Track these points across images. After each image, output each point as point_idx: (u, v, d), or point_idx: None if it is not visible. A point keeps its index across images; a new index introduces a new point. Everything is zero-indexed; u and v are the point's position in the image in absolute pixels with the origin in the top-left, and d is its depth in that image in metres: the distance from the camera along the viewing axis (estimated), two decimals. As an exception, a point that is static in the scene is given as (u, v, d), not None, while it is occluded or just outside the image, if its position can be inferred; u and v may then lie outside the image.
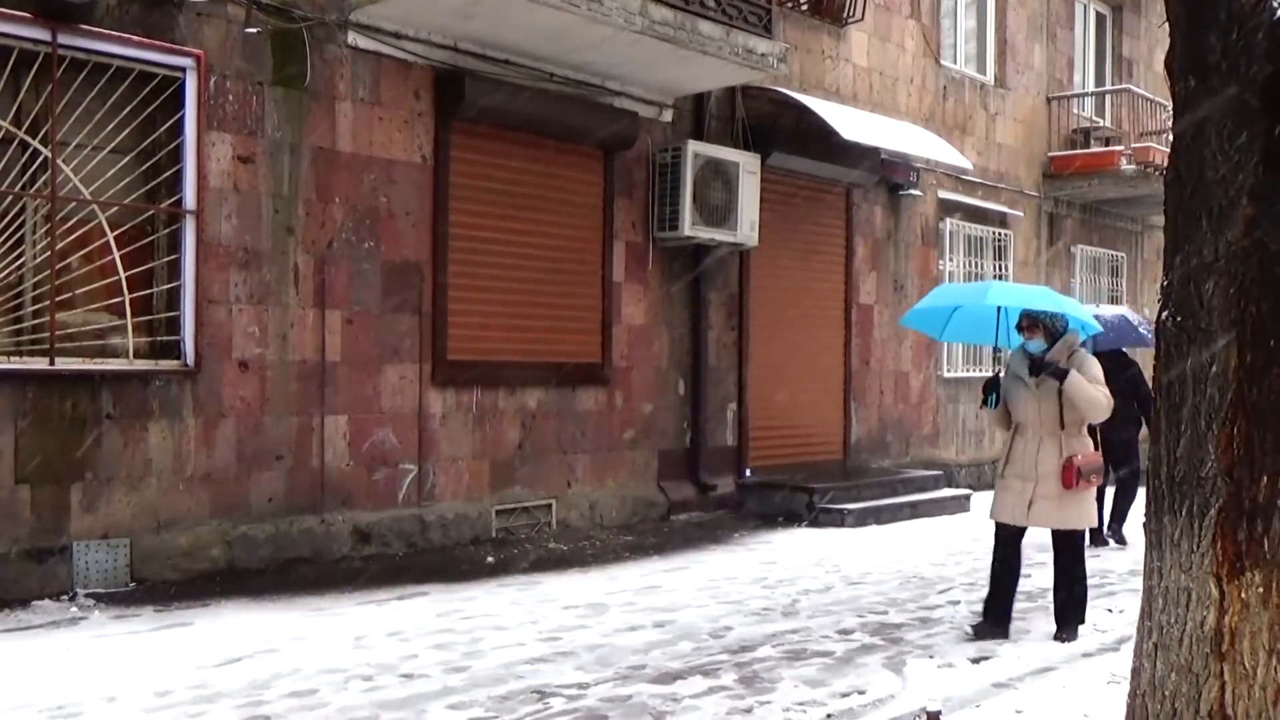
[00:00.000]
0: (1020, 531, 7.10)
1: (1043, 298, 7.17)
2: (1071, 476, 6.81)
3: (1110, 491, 10.68)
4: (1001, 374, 7.17)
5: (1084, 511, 7.01)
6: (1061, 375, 6.77)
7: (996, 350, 7.92)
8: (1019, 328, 7.11)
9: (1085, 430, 7.08)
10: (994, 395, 7.07)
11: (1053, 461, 6.86)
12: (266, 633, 6.76)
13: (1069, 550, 7.09)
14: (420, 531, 9.39)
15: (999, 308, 7.38)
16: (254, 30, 8.28)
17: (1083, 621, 7.22)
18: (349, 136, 8.97)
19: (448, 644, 6.66)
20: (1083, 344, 7.29)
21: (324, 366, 8.81)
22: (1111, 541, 10.82)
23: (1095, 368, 6.91)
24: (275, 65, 8.53)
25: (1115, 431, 9.59)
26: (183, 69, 8.00)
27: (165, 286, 8.08)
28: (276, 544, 8.52)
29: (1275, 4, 3.59)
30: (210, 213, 8.17)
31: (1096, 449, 7.43)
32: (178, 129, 8.02)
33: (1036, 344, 6.97)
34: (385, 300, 9.20)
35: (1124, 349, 10.73)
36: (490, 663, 6.30)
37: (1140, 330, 10.78)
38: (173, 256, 8.08)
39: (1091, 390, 6.75)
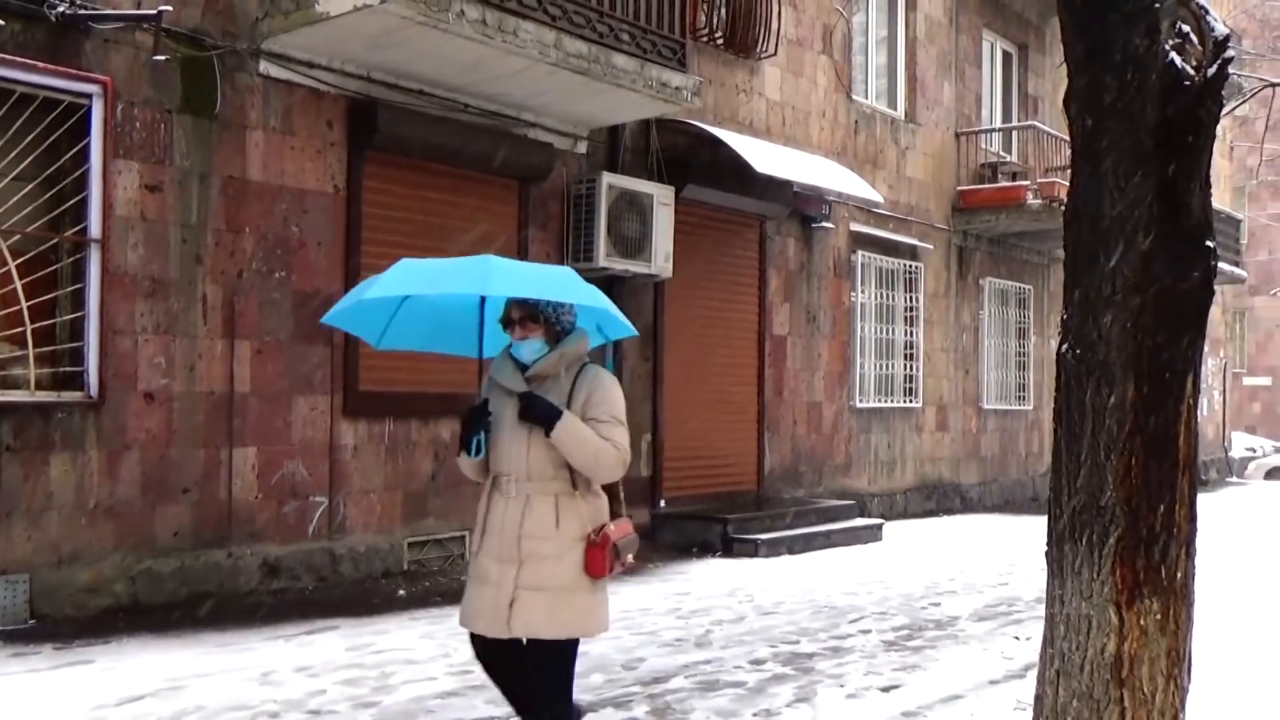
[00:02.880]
0: (509, 643, 4.49)
1: (552, 280, 4.66)
2: (602, 559, 4.43)
3: None
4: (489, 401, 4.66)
5: (594, 610, 4.51)
6: (548, 419, 4.38)
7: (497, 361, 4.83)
8: (506, 321, 4.61)
9: (599, 486, 4.62)
10: (479, 438, 4.57)
11: (549, 532, 4.42)
12: (170, 669, 6.62)
13: (557, 668, 4.55)
14: (331, 565, 9.27)
15: (484, 298, 4.78)
16: (162, 58, 8.17)
17: None
18: (260, 166, 8.88)
19: (357, 679, 6.57)
20: (601, 348, 5.01)
21: (233, 398, 8.68)
22: None
23: (611, 394, 4.55)
24: (184, 93, 8.43)
25: None
26: (89, 96, 7.87)
27: (69, 316, 7.92)
28: (182, 578, 8.36)
29: (1168, 46, 3.71)
30: (116, 241, 8.03)
31: None
32: (83, 156, 7.89)
33: (532, 347, 4.54)
34: (296, 331, 9.09)
35: None
36: (400, 698, 6.23)
37: None
38: (77, 286, 7.92)
39: (594, 441, 4.40)
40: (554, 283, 4.62)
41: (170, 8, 8.09)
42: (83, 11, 7.80)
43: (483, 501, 4.64)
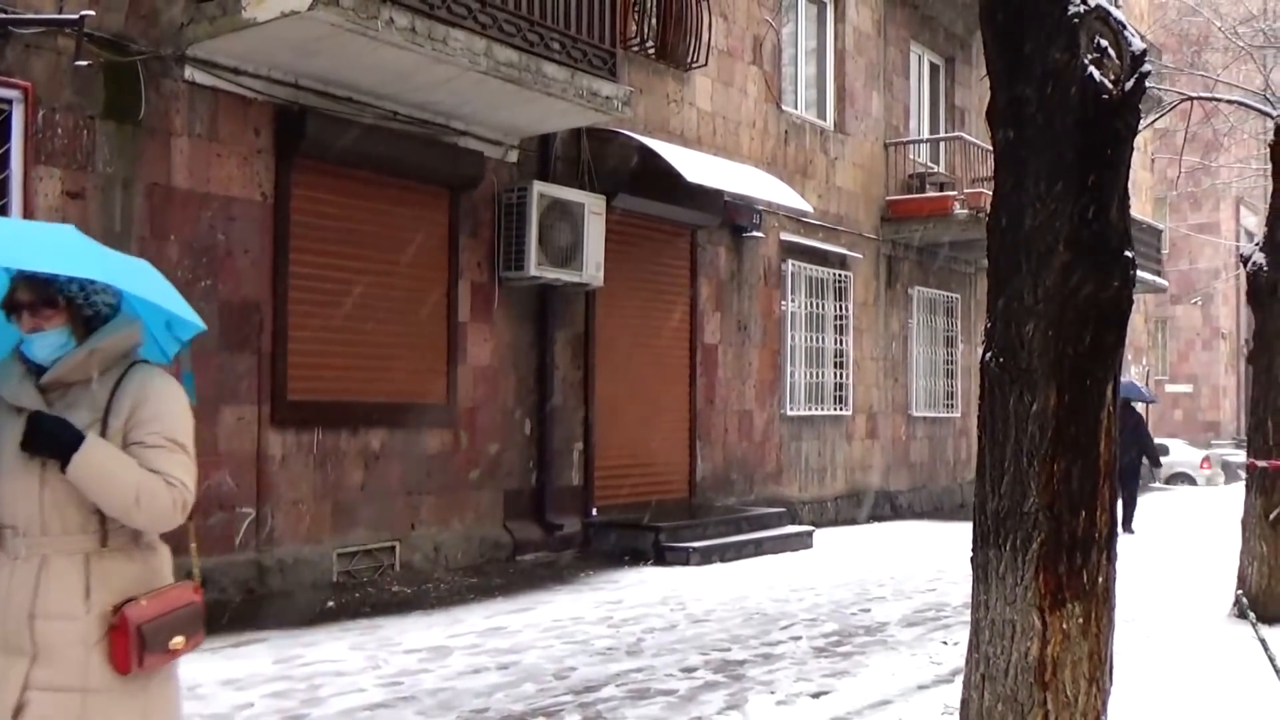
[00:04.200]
0: None
1: (55, 246, 3.06)
2: (125, 649, 3.05)
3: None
4: None
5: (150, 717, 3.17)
6: (62, 447, 2.97)
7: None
8: (9, 306, 3.15)
9: (157, 536, 3.35)
10: None
11: (74, 609, 3.02)
12: (93, 685, 6.50)
13: None
14: (258, 576, 9.15)
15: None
16: (85, 63, 8.04)
17: None
18: (185, 172, 8.77)
19: (285, 692, 6.50)
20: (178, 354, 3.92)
21: (158, 408, 8.54)
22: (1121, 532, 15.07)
23: (168, 406, 3.32)
24: (108, 99, 8.30)
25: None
26: (9, 101, 7.73)
27: (-12, 325, 7.76)
28: (106, 592, 8.20)
29: (1087, 61, 3.78)
30: (37, 249, 7.88)
31: None
32: (3, 162, 7.74)
33: (49, 341, 3.12)
34: (223, 340, 8.98)
35: (1131, 401, 15.88)
36: (329, 710, 6.17)
37: (1141, 389, 16.78)
38: (-4, 294, 7.76)
39: (134, 476, 3.08)
40: (62, 250, 3.04)
41: (93, 13, 7.97)
42: (3, 16, 7.66)
43: None
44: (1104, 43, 3.81)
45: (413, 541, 10.45)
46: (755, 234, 14.63)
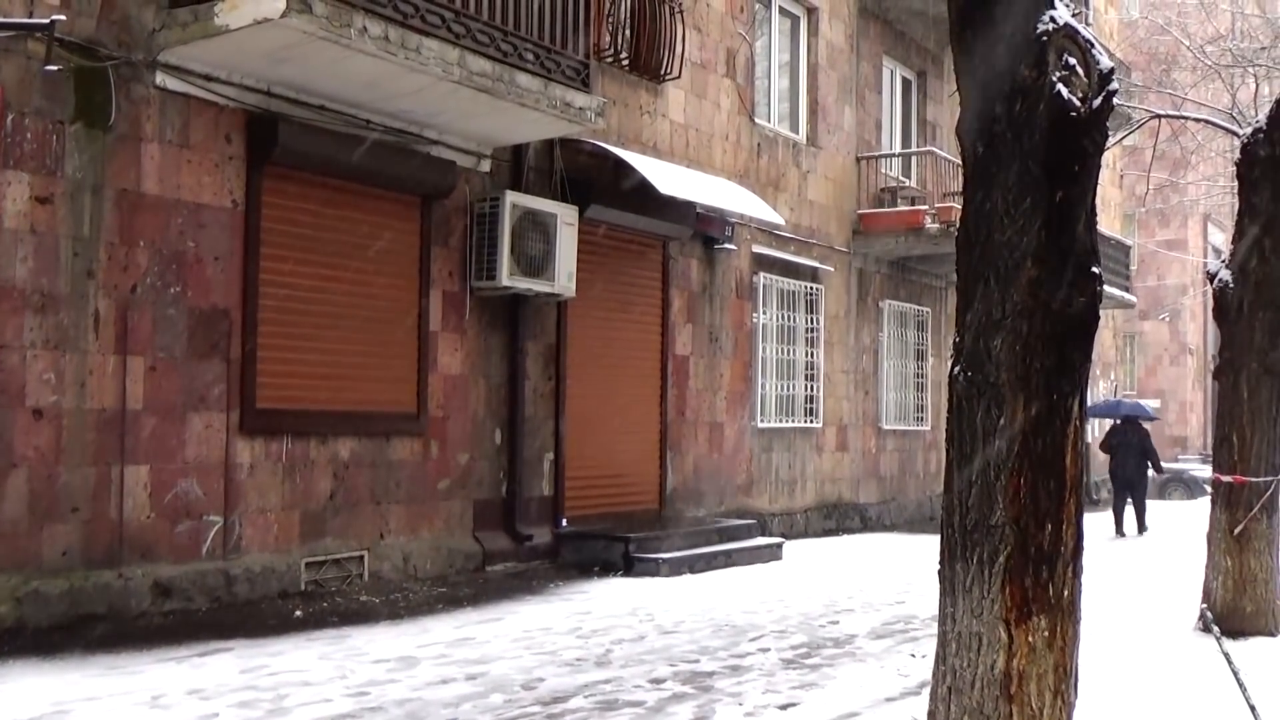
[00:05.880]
0: None
1: None
2: None
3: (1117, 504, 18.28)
4: None
5: None
6: None
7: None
8: None
9: None
10: None
11: None
12: (57, 693, 6.44)
13: None
14: (225, 585, 9.10)
15: None
16: (55, 68, 7.98)
17: None
18: (155, 179, 8.72)
19: (251, 702, 6.46)
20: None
21: (124, 415, 8.50)
22: (1128, 534, 17.88)
23: None
24: (78, 104, 8.25)
25: (1124, 466, 17.97)
26: (-23, 105, 7.68)
27: (-47, 330, 7.70)
28: (70, 600, 8.14)
29: (1055, 78, 3.81)
30: (4, 254, 7.83)
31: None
32: (-29, 167, 7.70)
33: None
34: (191, 347, 8.93)
35: (1138, 418, 18.71)
36: (295, 720, 6.14)
37: (1145, 408, 20.53)
38: (-38, 299, 7.71)
39: None
40: None
41: (64, 17, 7.91)
42: (-28, 19, 7.61)
43: None
44: (1072, 61, 3.85)
45: (381, 551, 10.41)
46: (727, 246, 14.67)
